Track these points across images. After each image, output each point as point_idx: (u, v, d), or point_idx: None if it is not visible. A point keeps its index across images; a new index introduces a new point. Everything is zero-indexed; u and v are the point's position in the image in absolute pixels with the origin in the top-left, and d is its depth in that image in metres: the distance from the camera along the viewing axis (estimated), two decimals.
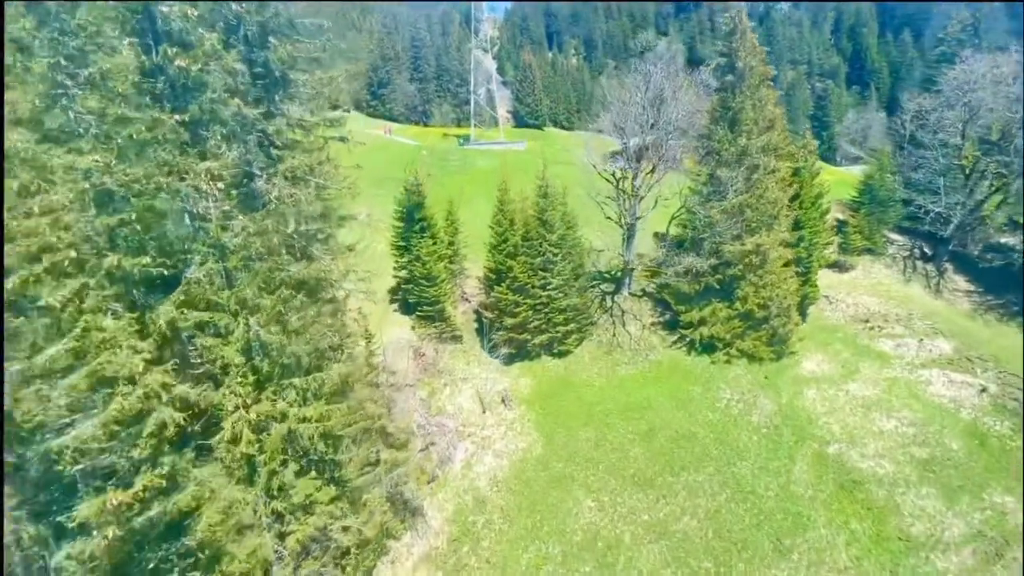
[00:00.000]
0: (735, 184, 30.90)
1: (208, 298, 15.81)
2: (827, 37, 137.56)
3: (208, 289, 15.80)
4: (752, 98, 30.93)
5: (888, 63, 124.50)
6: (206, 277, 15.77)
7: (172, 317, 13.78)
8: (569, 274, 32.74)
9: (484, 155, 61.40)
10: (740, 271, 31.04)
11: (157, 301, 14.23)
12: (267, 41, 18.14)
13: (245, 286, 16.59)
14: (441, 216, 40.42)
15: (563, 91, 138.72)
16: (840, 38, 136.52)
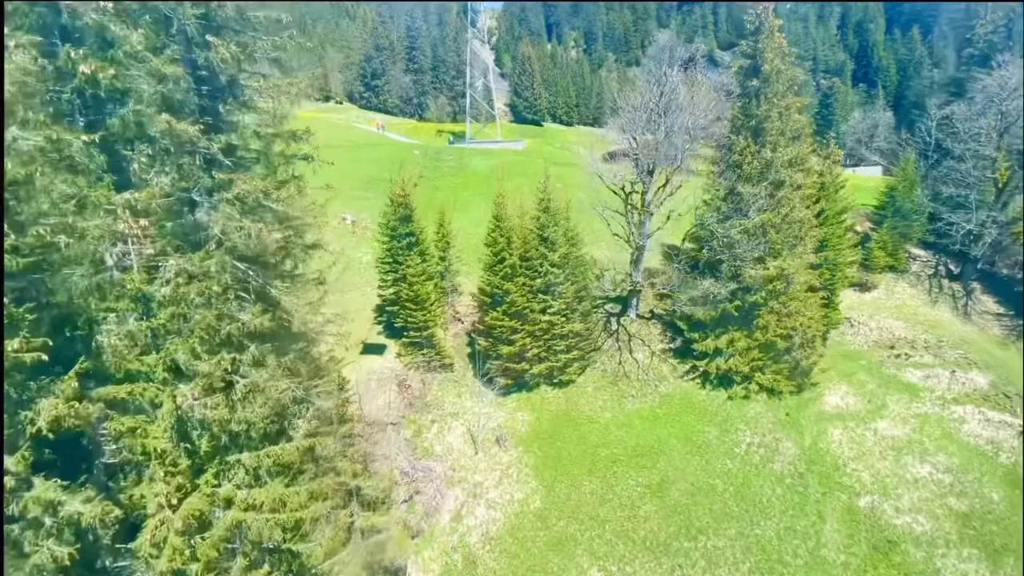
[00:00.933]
0: (758, 201, 27.61)
1: (126, 367, 12.49)
2: (833, 33, 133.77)
3: (126, 356, 12.46)
4: (778, 105, 27.54)
5: (896, 60, 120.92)
6: (123, 340, 12.43)
7: (57, 415, 10.40)
8: (572, 296, 29.50)
9: (481, 155, 57.75)
10: (762, 298, 27.85)
11: (42, 388, 10.82)
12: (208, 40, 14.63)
13: (177, 347, 13.25)
14: (432, 227, 37.01)
15: (562, 85, 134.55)
16: (846, 34, 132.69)
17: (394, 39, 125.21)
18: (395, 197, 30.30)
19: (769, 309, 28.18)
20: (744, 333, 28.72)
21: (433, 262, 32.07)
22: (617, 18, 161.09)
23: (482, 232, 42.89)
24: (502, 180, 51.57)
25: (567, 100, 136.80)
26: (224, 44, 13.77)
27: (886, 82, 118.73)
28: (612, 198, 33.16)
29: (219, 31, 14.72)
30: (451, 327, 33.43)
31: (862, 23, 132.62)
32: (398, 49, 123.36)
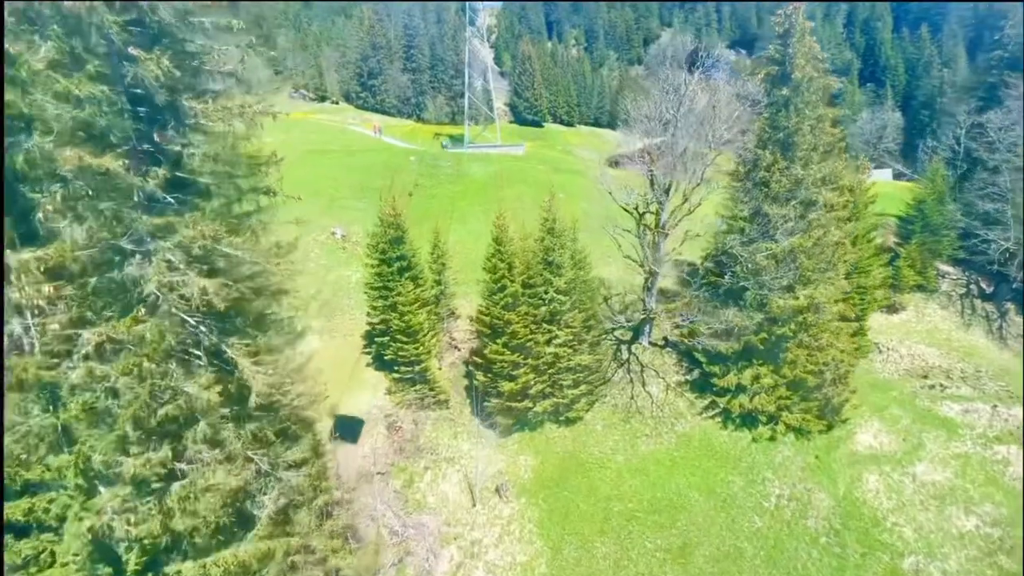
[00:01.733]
0: (787, 223, 24.76)
1: (25, 477, 9.68)
2: (840, 31, 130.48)
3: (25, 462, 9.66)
4: (810, 117, 24.65)
5: (904, 60, 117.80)
6: (20, 443, 9.62)
7: None
8: (580, 326, 26.68)
9: (480, 161, 54.78)
10: (791, 330, 25.03)
11: None
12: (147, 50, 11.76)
13: (96, 443, 10.43)
14: (427, 245, 34.15)
15: (563, 84, 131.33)
16: (853, 33, 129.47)
17: (391, 37, 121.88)
18: (385, 216, 27.39)
19: (798, 342, 25.37)
20: (770, 368, 25.90)
21: (427, 286, 29.21)
22: (619, 16, 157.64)
23: (481, 247, 40.00)
24: (502, 189, 48.71)
25: (568, 100, 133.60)
26: (154, 58, 10.88)
27: (894, 82, 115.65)
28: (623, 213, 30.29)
29: (155, 40, 11.86)
30: (447, 355, 30.60)
31: (869, 21, 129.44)
32: (395, 48, 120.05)
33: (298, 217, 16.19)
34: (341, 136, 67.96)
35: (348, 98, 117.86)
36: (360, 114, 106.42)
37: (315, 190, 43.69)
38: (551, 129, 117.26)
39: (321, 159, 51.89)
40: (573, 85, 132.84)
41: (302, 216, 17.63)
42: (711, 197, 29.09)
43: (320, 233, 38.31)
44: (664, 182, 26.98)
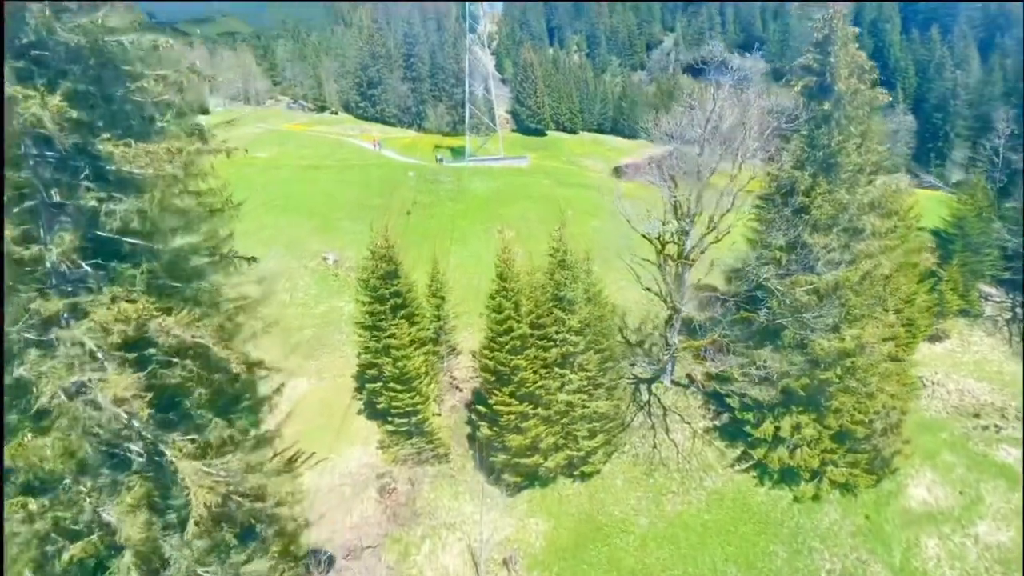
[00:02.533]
0: (829, 254, 21.77)
1: None
2: None
3: None
4: (855, 135, 21.70)
5: (914, 62, 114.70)
6: None
7: None
8: (595, 368, 23.70)
9: (481, 175, 51.96)
10: (836, 375, 21.97)
11: None
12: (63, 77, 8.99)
13: None
14: (425, 270, 31.32)
15: (565, 91, 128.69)
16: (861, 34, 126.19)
17: (391, 46, 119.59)
18: (376, 249, 24.47)
19: (844, 388, 22.31)
20: (812, 417, 22.82)
21: (425, 322, 26.26)
22: (620, 21, 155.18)
23: (484, 270, 37.14)
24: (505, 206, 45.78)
25: (571, 106, 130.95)
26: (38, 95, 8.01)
27: (905, 84, 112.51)
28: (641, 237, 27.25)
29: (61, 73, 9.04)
30: (447, 397, 27.63)
31: (876, 22, 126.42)
32: (395, 56, 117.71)
33: (262, 276, 13.30)
34: (338, 149, 65.32)
35: (348, 108, 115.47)
36: (359, 124, 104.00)
37: (307, 210, 40.99)
38: (554, 138, 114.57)
39: (315, 175, 49.19)
40: (575, 91, 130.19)
41: (277, 263, 14.60)
42: (741, 219, 26.10)
43: (310, 259, 35.45)
44: (688, 206, 23.99)
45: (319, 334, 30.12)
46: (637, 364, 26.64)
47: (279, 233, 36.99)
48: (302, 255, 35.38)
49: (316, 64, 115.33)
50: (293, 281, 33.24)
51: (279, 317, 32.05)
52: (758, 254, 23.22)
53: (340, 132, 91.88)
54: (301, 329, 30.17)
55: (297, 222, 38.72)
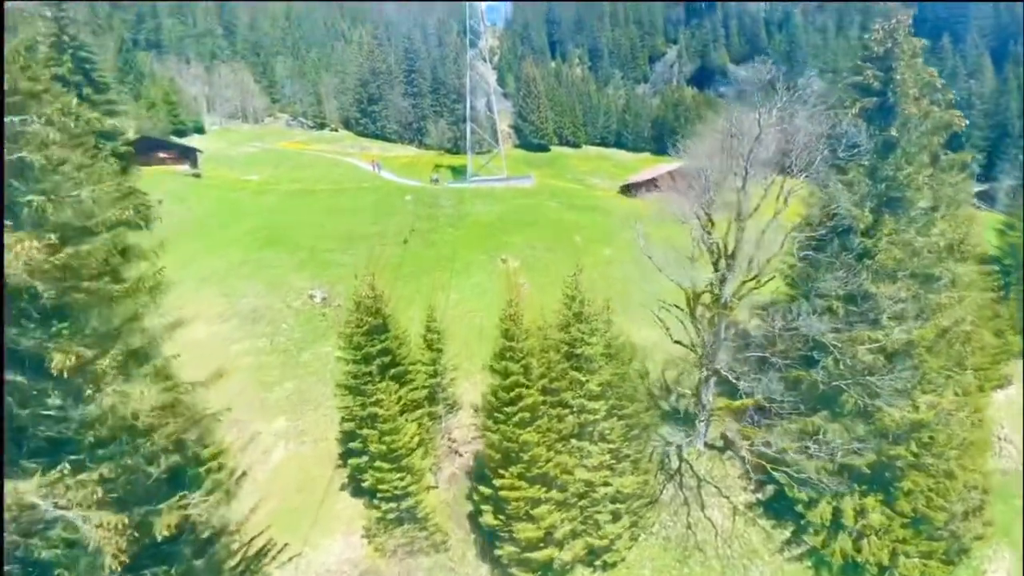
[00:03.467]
0: (897, 306, 18.11)
1: None
2: (854, 43, 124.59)
3: None
4: (927, 164, 18.16)
5: None
6: None
7: None
8: (619, 439, 20.00)
9: (484, 197, 48.51)
10: (910, 452, 18.21)
11: None
12: None
13: None
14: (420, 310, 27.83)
15: (568, 104, 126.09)
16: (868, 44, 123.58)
17: (392, 62, 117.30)
18: (362, 299, 20.87)
19: (918, 466, 18.52)
20: (879, 499, 19.01)
21: (420, 379, 22.57)
22: (623, 34, 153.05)
23: (487, 307, 33.49)
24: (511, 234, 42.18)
25: (574, 120, 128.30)
26: None
27: None
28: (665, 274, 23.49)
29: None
30: (445, 465, 23.86)
31: None
32: (396, 72, 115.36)
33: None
34: (334, 170, 62.22)
35: (348, 125, 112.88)
36: (359, 142, 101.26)
37: (294, 241, 37.50)
38: (558, 153, 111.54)
39: (306, 201, 45.86)
40: (578, 105, 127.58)
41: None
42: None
43: (295, 297, 31.87)
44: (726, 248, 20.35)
45: (301, 387, 26.46)
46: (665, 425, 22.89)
47: (261, 268, 33.52)
48: (286, 293, 31.83)
49: (316, 81, 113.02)
50: (274, 324, 29.67)
51: (258, 366, 28.66)
52: (810, 303, 19.52)
53: (339, 150, 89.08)
54: (281, 382, 26.55)
55: (282, 255, 35.24)
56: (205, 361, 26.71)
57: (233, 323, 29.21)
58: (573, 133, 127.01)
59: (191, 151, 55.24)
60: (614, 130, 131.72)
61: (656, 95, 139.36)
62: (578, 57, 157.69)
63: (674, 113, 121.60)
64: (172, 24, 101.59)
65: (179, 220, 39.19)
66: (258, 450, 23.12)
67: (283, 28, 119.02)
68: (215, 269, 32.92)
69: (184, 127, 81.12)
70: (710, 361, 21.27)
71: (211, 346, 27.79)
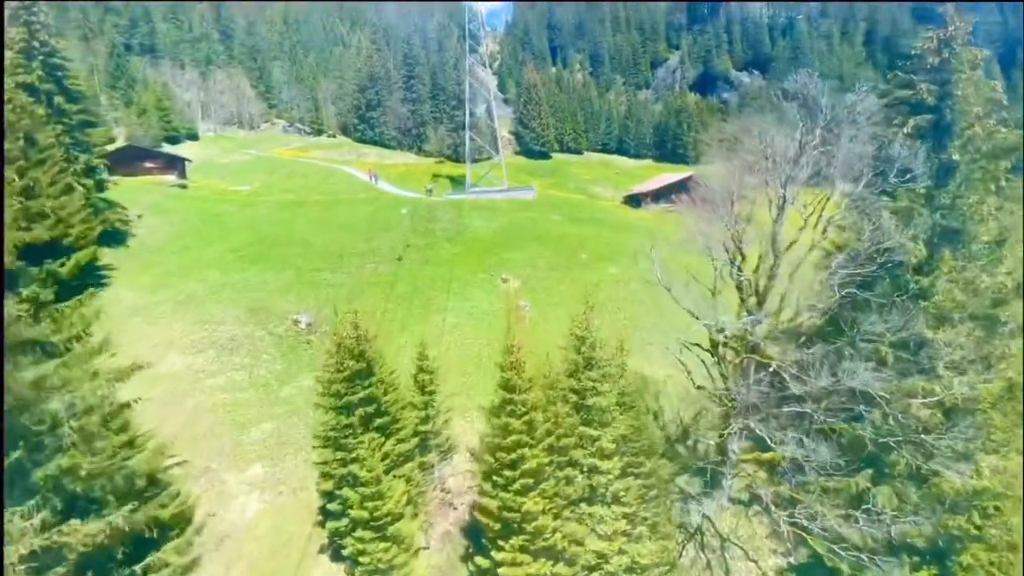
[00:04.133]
0: (956, 353, 15.64)
1: None
2: (859, 50, 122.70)
3: None
4: (992, 192, 15.73)
5: None
6: None
7: None
8: (636, 500, 17.49)
9: (483, 210, 46.06)
10: (972, 523, 15.71)
11: None
12: None
13: None
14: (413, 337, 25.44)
15: (569, 110, 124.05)
16: (874, 51, 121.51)
17: (390, 67, 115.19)
18: (344, 340, 18.32)
19: (979, 538, 16.01)
20: (932, 573, 16.51)
21: (409, 427, 20.00)
22: (624, 39, 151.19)
23: (486, 332, 31.06)
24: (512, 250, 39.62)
25: (575, 126, 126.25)
26: None
27: None
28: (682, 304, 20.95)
29: None
30: (438, 520, 21.31)
31: (891, 39, 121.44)
32: (395, 78, 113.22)
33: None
34: (328, 179, 59.81)
35: (346, 131, 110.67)
36: (357, 148, 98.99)
37: (281, 258, 35.03)
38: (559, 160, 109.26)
39: (296, 214, 43.42)
40: (579, 111, 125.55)
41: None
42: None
43: (278, 322, 29.37)
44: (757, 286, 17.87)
45: (281, 428, 23.89)
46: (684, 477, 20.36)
47: (244, 291, 31.04)
48: (268, 318, 29.34)
49: (313, 86, 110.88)
50: (254, 354, 27.14)
51: (233, 403, 26.14)
52: (855, 348, 17.01)
53: (336, 157, 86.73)
54: (259, 422, 24.00)
55: (267, 275, 32.76)
56: (177, 399, 24.50)
57: (209, 354, 26.68)
58: (574, 139, 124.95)
59: (178, 160, 52.84)
60: (616, 136, 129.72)
61: (658, 101, 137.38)
62: (579, 62, 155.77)
63: (677, 119, 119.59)
64: (167, 28, 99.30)
65: (159, 236, 36.81)
66: (229, 504, 20.60)
67: (281, 32, 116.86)
68: (193, 292, 30.41)
69: (177, 134, 78.80)
70: (737, 411, 18.74)
71: (185, 381, 25.35)
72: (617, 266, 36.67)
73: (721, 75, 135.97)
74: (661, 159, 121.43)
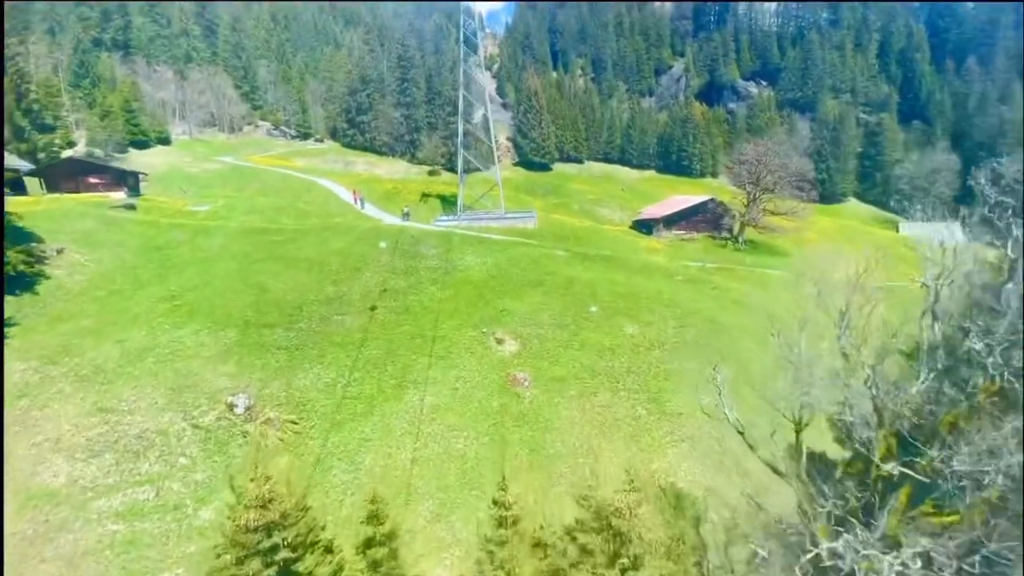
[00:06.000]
0: None
1: None
2: (872, 63, 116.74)
3: None
4: None
5: (951, 95, 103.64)
6: None
7: None
8: None
9: (475, 245, 39.30)
10: None
11: None
12: None
13: None
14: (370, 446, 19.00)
15: (570, 117, 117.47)
16: (888, 64, 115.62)
17: (383, 69, 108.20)
18: (251, 501, 11.66)
19: None
20: None
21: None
22: (628, 45, 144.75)
23: (475, 421, 24.46)
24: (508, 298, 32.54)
25: (576, 134, 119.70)
26: None
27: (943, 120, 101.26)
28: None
29: None
30: None
31: (905, 52, 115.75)
32: (388, 81, 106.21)
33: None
34: (304, 196, 52.88)
35: (334, 135, 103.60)
36: (345, 155, 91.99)
37: (224, 312, 28.14)
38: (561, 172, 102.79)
39: (257, 244, 36.52)
40: (581, 118, 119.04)
41: None
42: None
43: (207, 407, 22.51)
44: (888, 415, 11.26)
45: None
46: None
47: (170, 359, 24.19)
48: (195, 401, 22.51)
49: (301, 87, 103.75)
50: (168, 459, 20.32)
51: (129, 541, 19.37)
52: None
53: (320, 165, 79.75)
54: (160, 572, 17.19)
55: (203, 336, 25.94)
56: (48, 535, 17.57)
57: (106, 460, 19.85)
58: (575, 148, 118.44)
59: (129, 175, 45.77)
60: (618, 145, 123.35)
61: (662, 110, 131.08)
62: (581, 67, 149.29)
63: (682, 130, 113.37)
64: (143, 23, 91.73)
65: (80, 279, 29.83)
66: None
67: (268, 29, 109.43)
68: (103, 362, 23.57)
69: (146, 139, 71.59)
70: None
71: (66, 504, 18.50)
72: (635, 323, 30.10)
73: (727, 84, 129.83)
74: (665, 171, 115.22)
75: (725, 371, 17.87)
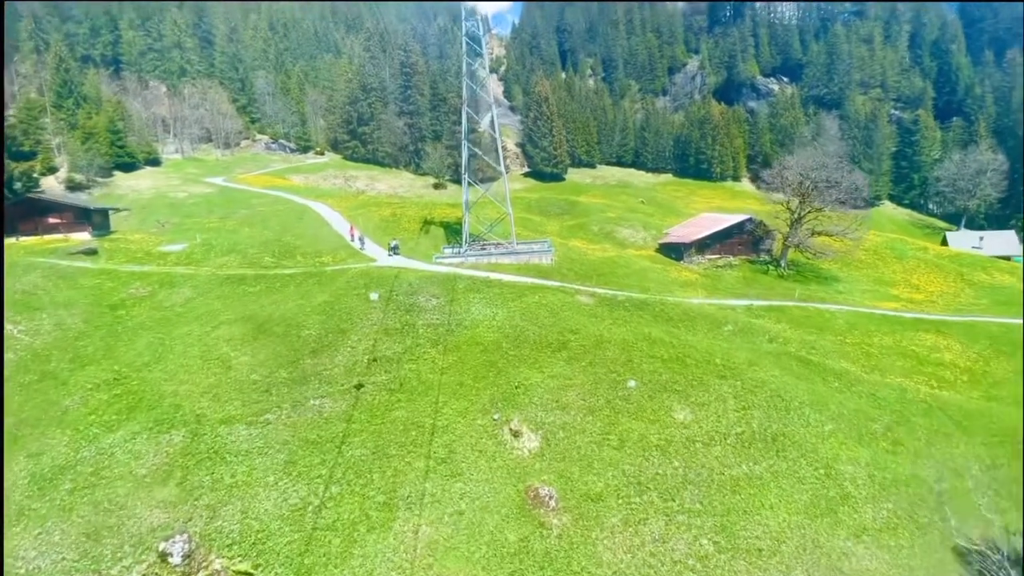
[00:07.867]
0: None
1: None
2: (903, 56, 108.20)
3: None
4: None
5: (993, 89, 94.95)
6: None
7: None
8: None
9: (483, 291, 33.06)
10: None
11: None
12: None
13: None
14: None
15: (581, 120, 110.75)
16: (921, 57, 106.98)
17: (386, 76, 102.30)
18: None
19: None
20: None
21: None
22: (640, 43, 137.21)
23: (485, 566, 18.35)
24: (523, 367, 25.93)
25: (587, 138, 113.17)
26: None
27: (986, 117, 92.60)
28: None
29: None
30: None
31: (939, 43, 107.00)
32: (391, 88, 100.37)
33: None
34: (293, 228, 47.04)
35: (335, 147, 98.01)
36: (345, 168, 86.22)
37: (172, 406, 22.29)
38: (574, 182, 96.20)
39: (228, 301, 30.75)
40: (592, 121, 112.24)
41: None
42: None
43: (132, 557, 16.64)
44: None
45: None
46: None
47: (88, 488, 18.36)
48: (116, 550, 16.67)
49: (300, 98, 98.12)
50: None
51: None
52: None
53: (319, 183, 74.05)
54: None
55: (144, 440, 20.15)
56: None
57: None
58: (587, 152, 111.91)
59: (95, 212, 40.23)
60: (632, 148, 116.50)
61: (678, 110, 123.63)
62: (591, 67, 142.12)
63: (700, 131, 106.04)
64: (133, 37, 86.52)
65: (6, 361, 24.19)
66: None
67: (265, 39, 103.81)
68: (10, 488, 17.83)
69: (133, 160, 66.38)
70: None
71: None
72: (685, 404, 23.76)
73: (746, 81, 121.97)
74: (682, 174, 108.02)
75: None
